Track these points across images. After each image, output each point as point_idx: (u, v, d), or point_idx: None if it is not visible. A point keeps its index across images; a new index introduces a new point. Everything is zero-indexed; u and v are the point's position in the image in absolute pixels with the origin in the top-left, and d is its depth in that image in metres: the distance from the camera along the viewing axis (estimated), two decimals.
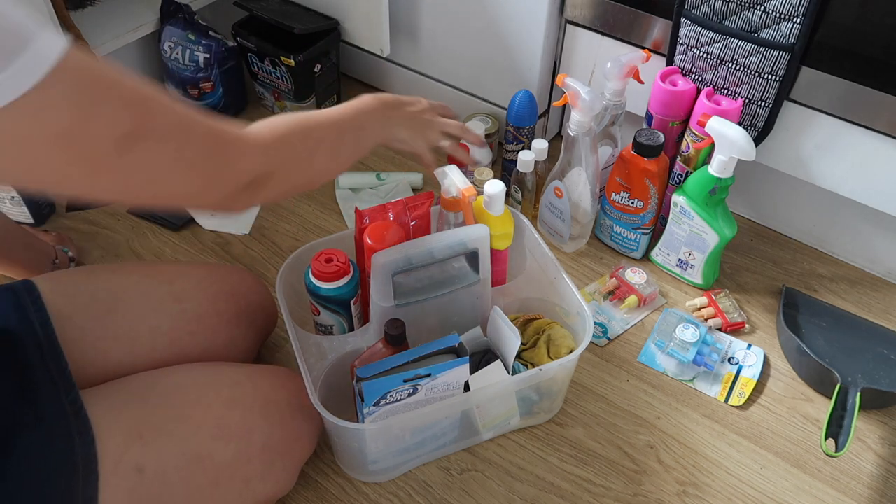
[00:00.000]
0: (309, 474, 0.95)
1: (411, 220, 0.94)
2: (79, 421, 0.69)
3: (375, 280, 0.86)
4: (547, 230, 1.24)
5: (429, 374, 0.81)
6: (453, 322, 0.94)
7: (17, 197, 1.19)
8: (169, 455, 0.73)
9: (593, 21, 1.18)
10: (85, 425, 0.68)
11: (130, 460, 0.70)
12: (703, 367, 1.05)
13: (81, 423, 0.68)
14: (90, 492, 0.66)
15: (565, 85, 1.06)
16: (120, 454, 0.69)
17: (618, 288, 1.16)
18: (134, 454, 0.70)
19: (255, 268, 1.20)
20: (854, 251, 1.23)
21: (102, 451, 0.68)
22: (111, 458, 0.68)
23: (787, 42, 0.99)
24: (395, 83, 1.51)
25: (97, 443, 0.68)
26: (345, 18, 1.37)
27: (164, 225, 1.26)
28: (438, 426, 0.91)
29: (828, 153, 1.08)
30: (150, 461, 0.71)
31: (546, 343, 0.97)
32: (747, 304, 1.17)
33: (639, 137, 1.08)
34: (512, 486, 0.95)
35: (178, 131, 0.58)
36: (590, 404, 1.03)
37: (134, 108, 0.54)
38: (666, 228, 1.15)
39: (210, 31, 1.37)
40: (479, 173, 1.12)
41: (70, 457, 0.66)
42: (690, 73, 1.11)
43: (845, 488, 0.95)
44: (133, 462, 0.70)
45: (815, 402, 1.04)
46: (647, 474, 0.96)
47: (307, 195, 1.32)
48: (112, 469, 0.68)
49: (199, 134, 0.60)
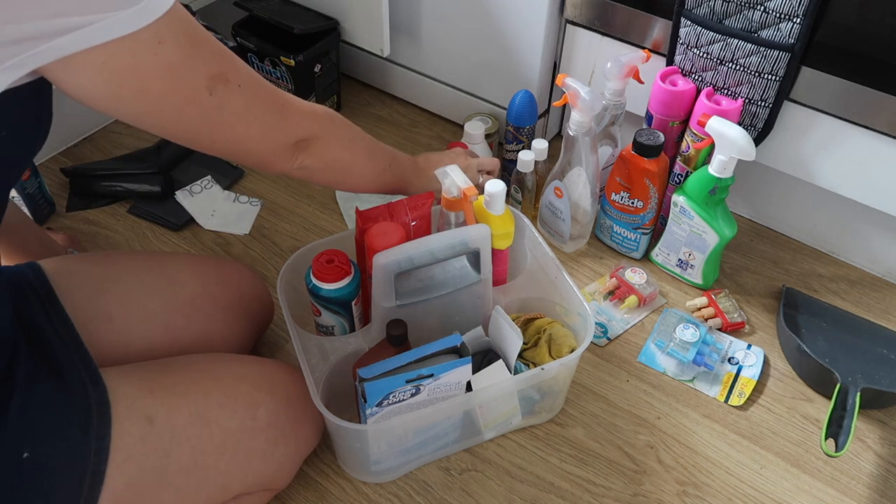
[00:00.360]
0: (309, 474, 0.95)
1: (412, 221, 0.94)
2: (90, 372, 0.72)
3: (377, 280, 0.86)
4: (547, 230, 1.24)
5: (431, 374, 0.81)
6: (454, 322, 0.94)
7: (17, 197, 1.18)
8: (178, 413, 0.75)
9: (593, 21, 1.18)
10: (96, 376, 0.72)
11: (141, 409, 0.72)
12: (703, 367, 1.05)
13: (92, 374, 0.71)
14: (104, 430, 0.69)
15: (565, 85, 1.06)
16: (131, 402, 0.72)
17: (618, 288, 1.16)
18: (145, 404, 0.73)
19: (255, 268, 1.20)
20: (854, 251, 1.23)
21: (114, 398, 0.71)
22: (122, 404, 0.71)
23: (787, 42, 0.99)
24: (395, 83, 1.51)
25: (109, 392, 0.71)
26: (345, 18, 1.37)
27: (164, 225, 1.26)
28: (440, 426, 0.91)
29: (828, 153, 1.08)
30: (160, 414, 0.73)
31: (547, 342, 0.97)
32: (747, 304, 1.17)
33: (639, 137, 1.08)
34: (512, 486, 0.95)
35: (251, 84, 0.71)
36: (590, 404, 1.03)
37: (222, 56, 0.68)
38: (666, 228, 1.15)
39: (210, 31, 1.37)
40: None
41: (84, 398, 0.69)
42: (690, 73, 1.11)
43: (845, 488, 0.96)
44: (144, 411, 0.72)
45: (815, 402, 1.05)
46: (647, 474, 0.96)
47: (307, 195, 1.32)
48: (124, 414, 0.71)
49: (265, 90, 0.74)
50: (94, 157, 1.37)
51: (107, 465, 0.68)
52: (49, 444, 0.66)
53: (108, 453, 0.69)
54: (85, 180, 1.29)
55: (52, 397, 0.68)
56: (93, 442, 0.68)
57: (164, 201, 1.28)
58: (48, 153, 1.37)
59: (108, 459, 0.69)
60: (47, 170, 1.34)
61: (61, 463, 0.67)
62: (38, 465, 0.65)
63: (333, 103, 1.47)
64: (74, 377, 0.70)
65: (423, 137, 1.46)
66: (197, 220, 1.26)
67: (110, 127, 1.44)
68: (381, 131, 1.47)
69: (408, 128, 1.48)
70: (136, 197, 1.28)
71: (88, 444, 0.68)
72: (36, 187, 1.21)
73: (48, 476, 0.66)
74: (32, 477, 0.65)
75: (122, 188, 1.28)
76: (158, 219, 1.26)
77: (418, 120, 1.49)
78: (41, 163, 1.35)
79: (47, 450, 0.66)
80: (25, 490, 0.65)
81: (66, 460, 0.67)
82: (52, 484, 0.66)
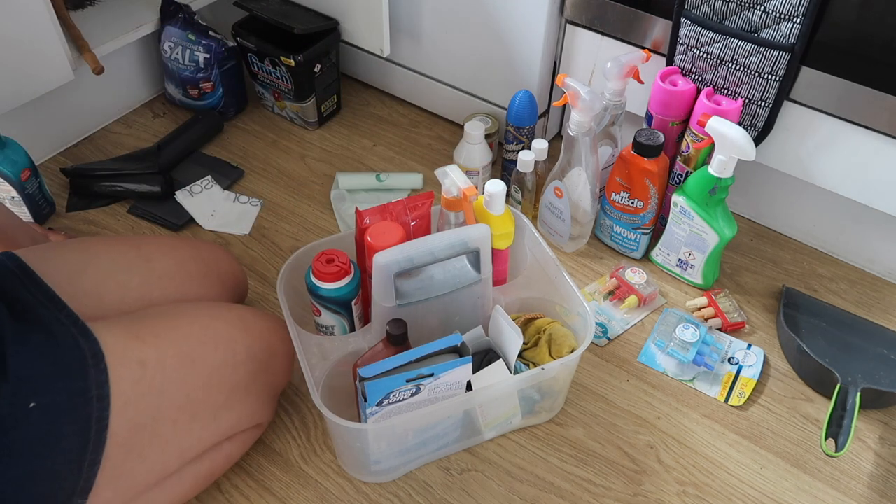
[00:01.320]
0: (309, 474, 0.95)
1: (411, 220, 0.94)
2: (79, 328, 0.74)
3: (377, 280, 0.86)
4: (547, 230, 1.24)
5: (431, 373, 0.81)
6: (454, 322, 0.94)
7: (17, 197, 1.18)
8: (166, 354, 0.79)
9: (593, 21, 1.18)
10: (85, 330, 0.74)
11: (133, 355, 0.76)
12: (703, 367, 1.06)
13: (81, 329, 0.74)
14: (103, 377, 0.72)
15: (565, 85, 1.06)
16: (122, 349, 0.75)
17: (618, 288, 1.16)
18: (135, 350, 0.77)
19: (255, 268, 1.20)
20: (854, 251, 1.23)
21: (106, 347, 0.74)
22: (115, 353, 0.74)
23: (787, 42, 0.99)
24: (395, 83, 1.51)
25: (100, 342, 0.74)
26: (345, 18, 1.37)
27: (165, 225, 1.26)
28: (441, 426, 0.91)
29: (828, 153, 1.08)
30: (151, 357, 0.77)
31: (547, 342, 0.97)
32: (747, 304, 1.17)
33: (639, 137, 1.08)
34: (512, 486, 0.95)
35: None
36: (590, 404, 1.03)
37: None
38: (666, 228, 1.15)
39: (210, 31, 1.37)
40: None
41: (78, 350, 0.72)
42: (690, 73, 1.11)
43: (845, 488, 0.96)
44: (135, 356, 0.76)
45: (815, 402, 1.05)
46: (647, 474, 0.96)
47: (307, 195, 1.32)
48: (118, 361, 0.74)
49: None
50: (95, 157, 1.37)
51: (109, 411, 0.72)
52: (53, 394, 0.69)
53: (110, 399, 0.72)
54: (85, 180, 1.29)
55: (46, 351, 0.71)
56: (93, 389, 0.71)
57: (165, 201, 1.28)
58: (48, 153, 1.37)
59: (110, 405, 0.72)
60: (47, 170, 1.34)
61: (67, 410, 0.70)
62: (47, 413, 0.68)
63: (333, 103, 1.47)
64: (64, 332, 0.73)
65: (423, 137, 1.46)
66: (197, 220, 1.26)
67: (110, 127, 1.45)
68: (381, 131, 1.47)
69: (408, 128, 1.48)
70: (136, 197, 1.29)
71: (90, 392, 0.71)
72: (36, 187, 1.21)
73: (57, 423, 0.69)
74: (43, 424, 0.68)
75: (122, 188, 1.28)
76: (159, 219, 1.26)
77: (418, 120, 1.49)
78: (41, 163, 1.35)
79: (52, 398, 0.69)
80: (38, 438, 0.68)
81: (71, 407, 0.70)
82: (61, 431, 0.69)
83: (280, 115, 1.48)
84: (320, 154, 1.41)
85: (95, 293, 0.87)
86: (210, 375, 0.83)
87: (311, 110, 1.43)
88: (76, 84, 1.28)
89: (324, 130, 1.47)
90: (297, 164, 1.39)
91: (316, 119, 1.44)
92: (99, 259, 0.90)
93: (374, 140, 1.45)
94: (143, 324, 0.81)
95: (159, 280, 0.92)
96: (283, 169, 1.38)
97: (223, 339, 0.85)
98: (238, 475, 0.95)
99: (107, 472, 0.73)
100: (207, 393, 0.82)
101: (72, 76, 1.22)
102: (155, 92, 1.52)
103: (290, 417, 1.01)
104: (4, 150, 1.15)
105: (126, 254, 0.92)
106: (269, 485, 0.94)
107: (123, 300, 0.88)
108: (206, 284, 0.97)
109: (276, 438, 0.98)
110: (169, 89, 1.46)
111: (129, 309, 0.88)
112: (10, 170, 1.15)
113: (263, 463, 0.96)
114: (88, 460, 0.71)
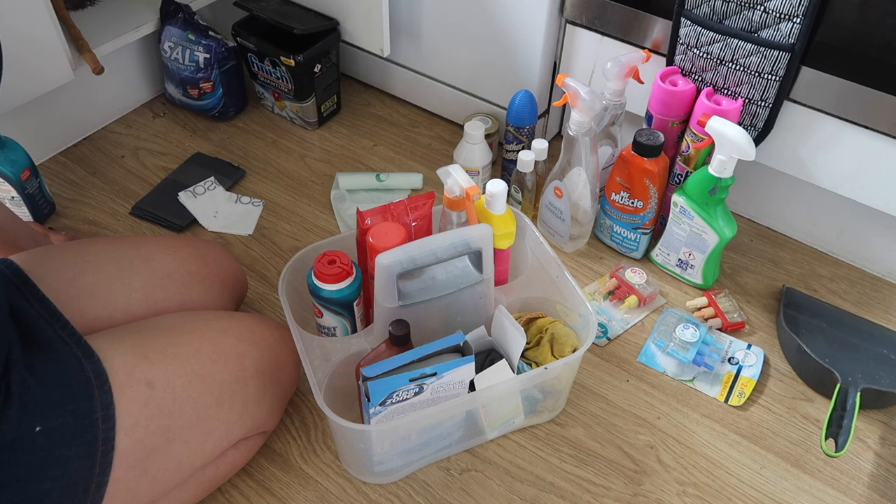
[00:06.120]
0: (309, 474, 0.95)
1: (413, 221, 0.94)
2: (81, 347, 0.74)
3: (379, 281, 0.86)
4: (547, 230, 1.24)
5: (434, 372, 0.81)
6: (457, 322, 0.94)
7: (17, 197, 1.18)
8: (175, 374, 0.78)
9: (593, 21, 1.19)
10: (88, 349, 0.74)
11: (140, 376, 0.75)
12: (703, 367, 1.06)
13: (84, 348, 0.74)
14: (107, 398, 0.72)
15: (565, 85, 1.06)
16: (129, 370, 0.75)
17: (618, 288, 1.16)
18: (143, 371, 0.76)
19: (256, 268, 1.20)
20: (854, 251, 1.23)
21: (110, 367, 0.74)
22: (120, 373, 0.74)
23: (787, 42, 0.99)
24: (395, 83, 1.51)
25: (103, 362, 0.73)
26: (345, 18, 1.37)
27: (167, 226, 1.26)
28: (443, 426, 0.91)
29: (828, 153, 1.08)
30: (159, 378, 0.77)
31: (549, 342, 0.98)
32: (747, 304, 1.17)
33: (639, 137, 1.08)
34: (512, 486, 0.95)
35: None
36: (590, 404, 1.04)
37: None
38: (666, 228, 1.16)
39: (210, 31, 1.37)
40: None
41: (81, 372, 0.72)
42: (690, 73, 1.11)
43: (845, 488, 0.96)
44: (143, 377, 0.75)
45: (815, 402, 1.05)
46: (647, 474, 0.96)
47: (308, 196, 1.32)
48: (124, 382, 0.74)
49: None
50: (95, 157, 1.37)
51: (115, 432, 0.72)
52: (58, 417, 0.69)
53: (115, 420, 0.72)
54: None
55: (49, 374, 0.71)
56: (98, 410, 0.71)
57: (166, 202, 1.28)
58: (48, 153, 1.37)
59: (115, 426, 0.72)
60: (47, 170, 1.34)
61: (72, 433, 0.69)
62: (52, 436, 0.68)
63: (333, 103, 1.47)
64: (66, 352, 0.73)
65: (423, 137, 1.46)
66: (200, 221, 1.26)
67: (110, 127, 1.44)
68: (381, 131, 1.47)
69: (408, 128, 1.48)
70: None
71: (94, 413, 0.71)
72: (36, 187, 1.21)
73: (62, 446, 0.69)
74: (49, 447, 0.68)
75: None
76: (160, 219, 1.26)
77: (418, 120, 1.49)
78: (41, 163, 1.35)
79: (57, 422, 0.69)
80: (43, 461, 0.68)
81: (77, 430, 0.70)
82: (67, 453, 0.69)
83: (280, 116, 1.48)
84: (320, 154, 1.41)
85: (101, 295, 0.86)
86: (221, 392, 0.82)
87: (311, 110, 1.43)
88: (76, 84, 1.28)
89: (324, 130, 1.47)
90: (297, 164, 1.39)
91: (316, 119, 1.44)
92: (99, 260, 0.90)
93: (374, 140, 1.45)
94: (149, 341, 0.80)
95: (161, 280, 0.92)
96: (283, 169, 1.38)
97: (233, 355, 0.85)
98: (238, 475, 0.95)
99: (116, 493, 0.73)
100: (219, 409, 0.82)
101: (72, 76, 1.22)
102: (155, 92, 1.52)
103: (290, 418, 1.01)
104: (4, 150, 1.15)
105: (126, 254, 0.92)
106: (269, 485, 0.94)
107: (129, 301, 0.88)
108: (208, 283, 0.97)
109: (276, 438, 0.98)
110: (169, 89, 1.46)
111: (135, 310, 0.88)
112: (10, 170, 1.15)
113: (263, 463, 0.96)
114: (95, 482, 0.71)
